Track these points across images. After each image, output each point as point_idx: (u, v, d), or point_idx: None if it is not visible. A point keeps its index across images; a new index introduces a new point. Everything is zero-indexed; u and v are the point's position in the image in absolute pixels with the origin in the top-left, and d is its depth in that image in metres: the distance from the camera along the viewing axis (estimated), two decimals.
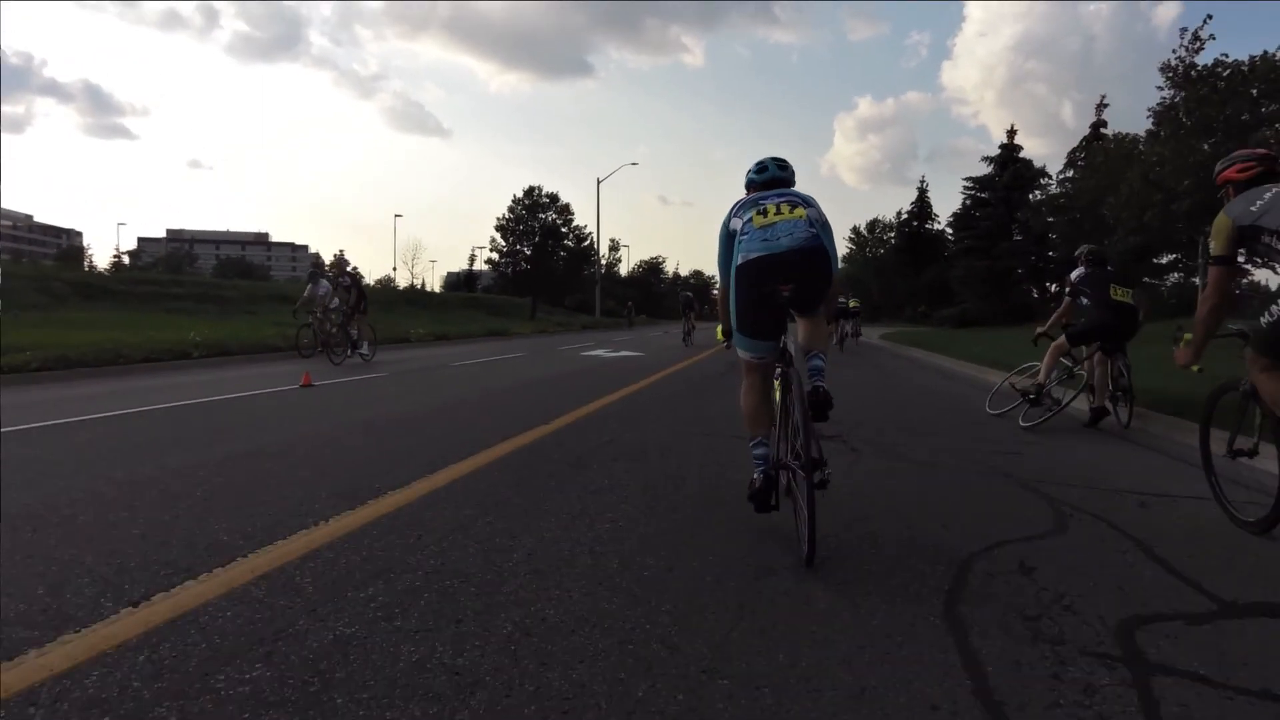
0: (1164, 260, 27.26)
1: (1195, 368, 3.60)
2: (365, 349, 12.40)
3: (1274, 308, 3.09)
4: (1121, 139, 24.71)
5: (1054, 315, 6.93)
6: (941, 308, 46.72)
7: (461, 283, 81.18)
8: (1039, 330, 7.07)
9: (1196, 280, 22.57)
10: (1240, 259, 3.39)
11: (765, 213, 3.08)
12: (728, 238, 3.23)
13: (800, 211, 3.06)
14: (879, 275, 63.11)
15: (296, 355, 12.56)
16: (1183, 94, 18.39)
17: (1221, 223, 3.32)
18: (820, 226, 3.07)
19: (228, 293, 27.06)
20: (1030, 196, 37.41)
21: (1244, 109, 18.18)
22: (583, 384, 9.41)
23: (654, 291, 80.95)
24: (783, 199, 3.14)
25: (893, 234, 64.40)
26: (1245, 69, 17.88)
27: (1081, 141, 35.02)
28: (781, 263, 2.94)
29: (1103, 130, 34.66)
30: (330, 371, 10.61)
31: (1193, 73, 17.99)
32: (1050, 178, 37.19)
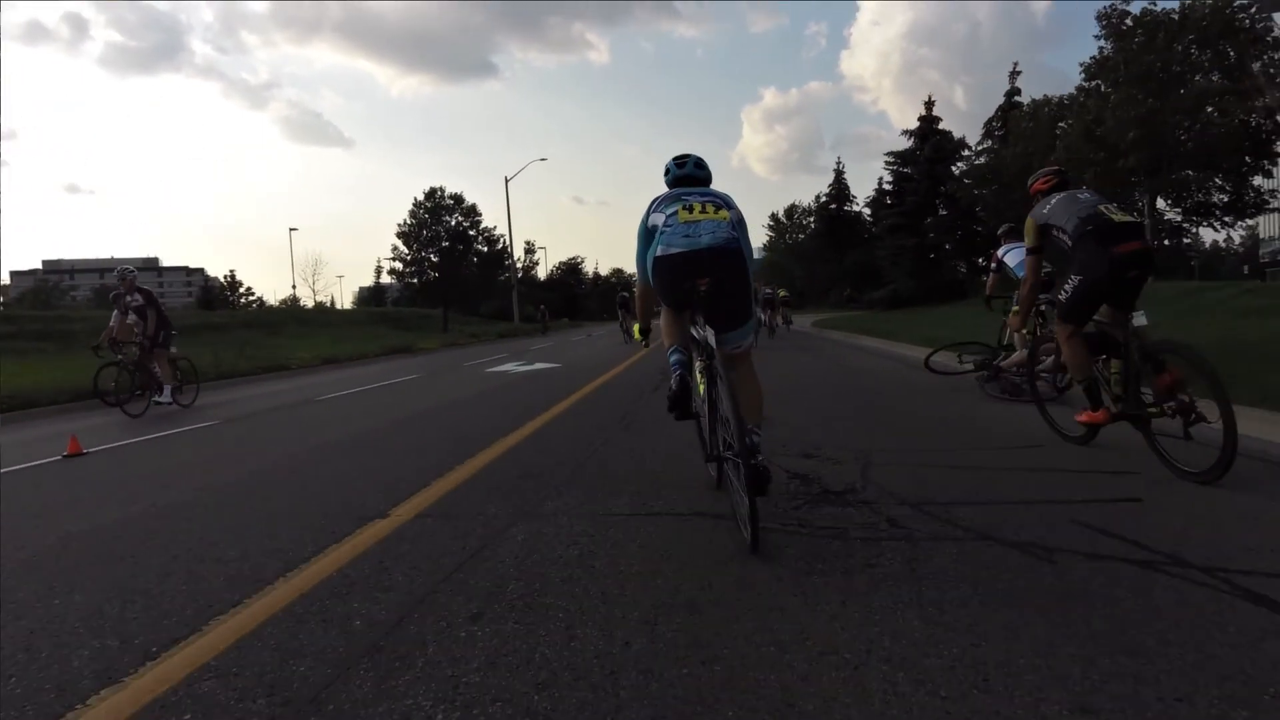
0: None
1: (1024, 330, 5.40)
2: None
3: (1066, 287, 4.11)
4: (1045, 102, 23.83)
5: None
6: (867, 290, 45.92)
7: (370, 298, 77.12)
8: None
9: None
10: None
11: (691, 209, 3.17)
12: (647, 234, 3.30)
13: (724, 214, 3.19)
14: (801, 261, 62.36)
15: (102, 404, 9.67)
16: (1116, 44, 17.29)
17: (1029, 223, 4.44)
18: (740, 228, 3.22)
19: (76, 325, 23.34)
20: (953, 169, 36.54)
21: (1174, 60, 17.21)
22: (473, 418, 7.08)
23: (575, 293, 78.38)
24: (707, 199, 3.24)
25: (812, 218, 63.68)
26: (1175, 17, 16.88)
27: (997, 111, 34.53)
28: (700, 259, 3.04)
29: (1017, 99, 34.17)
30: (126, 428, 7.95)
31: (1124, 23, 16.90)
32: (970, 149, 36.42)
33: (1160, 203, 19.69)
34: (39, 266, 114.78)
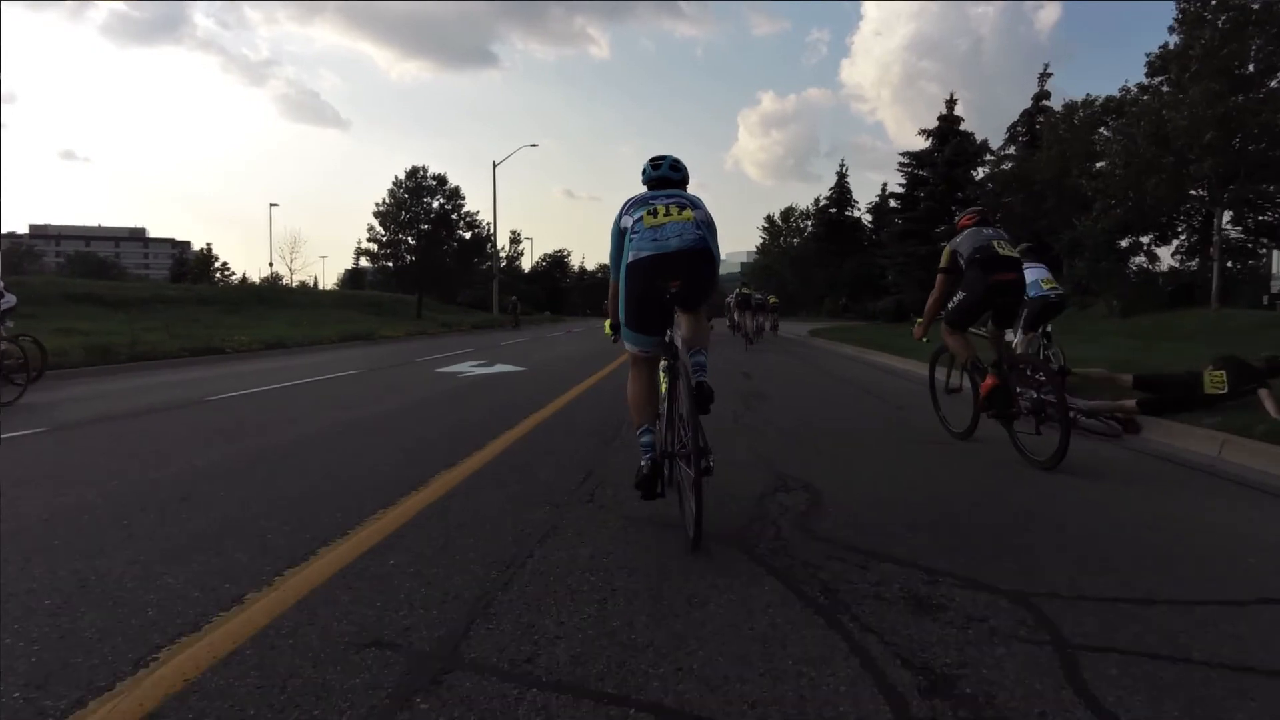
0: (1125, 243, 24.29)
1: (924, 339, 5.69)
2: None
3: (954, 300, 4.90)
4: (1087, 102, 21.81)
5: None
6: (865, 299, 43.85)
7: (350, 280, 74.52)
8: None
9: (1189, 264, 19.59)
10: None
11: (655, 213, 3.18)
12: (619, 235, 3.33)
13: (688, 214, 3.17)
14: (795, 265, 60.08)
15: None
16: (1191, 32, 15.23)
17: (946, 251, 5.12)
18: (706, 228, 3.18)
19: (20, 292, 20.68)
20: (973, 173, 34.13)
21: (1249, 58, 15.21)
22: (367, 460, 4.86)
23: (559, 286, 75.88)
24: (671, 200, 3.24)
25: (810, 222, 61.33)
26: (1255, 6, 14.84)
27: (1022, 115, 32.33)
28: (670, 262, 3.06)
29: (1045, 102, 32.02)
30: None
31: (1206, 10, 14.83)
32: (993, 153, 33.97)
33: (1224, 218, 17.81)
34: (26, 231, 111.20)
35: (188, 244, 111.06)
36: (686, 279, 3.06)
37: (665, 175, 3.46)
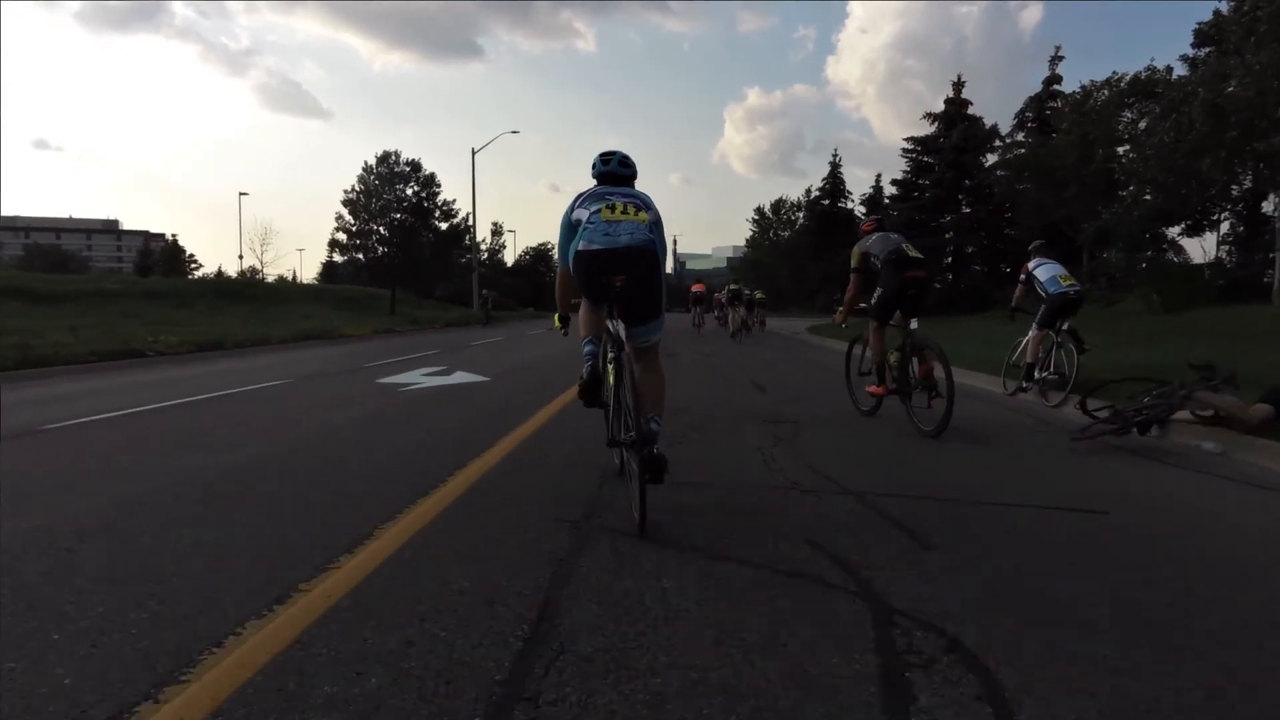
0: (1149, 234, 22.55)
1: (843, 325, 6.63)
2: None
3: (876, 293, 5.80)
4: (1114, 81, 20.07)
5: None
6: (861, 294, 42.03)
7: (326, 274, 72.23)
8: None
9: (1232, 255, 17.70)
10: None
11: (614, 209, 3.35)
12: (570, 226, 3.46)
13: (643, 216, 3.38)
14: (785, 259, 58.12)
15: None
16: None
17: (855, 251, 6.11)
18: (655, 229, 3.43)
19: None
20: (981, 160, 32.25)
21: None
22: (157, 579, 2.93)
23: (543, 281, 73.66)
24: (629, 200, 3.43)
25: (801, 213, 59.34)
26: None
27: (1030, 101, 30.50)
28: (617, 257, 3.23)
29: (1056, 87, 30.22)
30: None
31: None
32: (1001, 140, 31.98)
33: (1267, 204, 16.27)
34: None
35: (162, 237, 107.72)
36: (630, 274, 3.24)
37: (615, 170, 3.64)
